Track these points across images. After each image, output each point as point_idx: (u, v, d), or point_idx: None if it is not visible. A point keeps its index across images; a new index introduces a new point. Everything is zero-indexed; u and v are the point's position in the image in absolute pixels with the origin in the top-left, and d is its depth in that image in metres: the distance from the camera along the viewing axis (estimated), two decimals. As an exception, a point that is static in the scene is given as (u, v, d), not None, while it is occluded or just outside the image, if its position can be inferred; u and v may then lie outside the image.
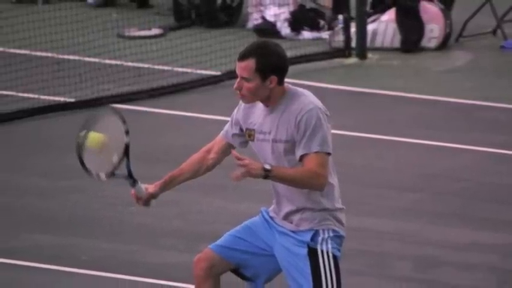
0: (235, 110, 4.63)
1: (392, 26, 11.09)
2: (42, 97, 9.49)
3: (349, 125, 8.74)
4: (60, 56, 10.57)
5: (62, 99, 9.50)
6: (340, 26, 10.90)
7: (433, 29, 11.06)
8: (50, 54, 10.53)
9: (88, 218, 6.96)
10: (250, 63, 4.42)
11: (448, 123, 9.11)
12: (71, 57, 10.62)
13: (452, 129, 8.88)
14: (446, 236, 6.64)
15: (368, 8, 11.08)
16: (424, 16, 11.06)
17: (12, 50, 10.59)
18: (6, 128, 8.97)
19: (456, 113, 9.44)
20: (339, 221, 4.53)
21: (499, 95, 9.70)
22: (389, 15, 11.13)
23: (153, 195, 4.62)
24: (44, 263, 6.23)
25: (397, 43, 11.09)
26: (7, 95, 9.45)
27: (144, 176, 4.66)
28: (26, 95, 9.50)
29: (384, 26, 11.11)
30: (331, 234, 4.50)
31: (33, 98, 9.45)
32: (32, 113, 9.13)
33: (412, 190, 7.48)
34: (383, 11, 11.20)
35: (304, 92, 4.56)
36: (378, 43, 11.09)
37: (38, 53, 10.50)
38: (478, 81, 10.28)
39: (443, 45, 11.14)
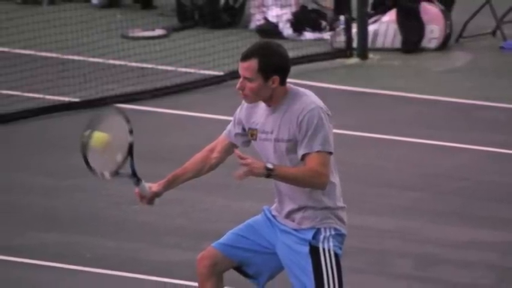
0: (238, 110, 4.64)
1: (393, 27, 11.09)
2: (47, 97, 9.50)
3: (351, 125, 8.74)
4: (65, 57, 10.58)
5: (66, 99, 9.51)
6: (342, 26, 10.91)
7: (434, 29, 11.06)
8: (54, 55, 10.54)
9: (92, 217, 6.97)
10: (253, 63, 4.43)
11: (448, 122, 9.11)
12: (76, 57, 10.63)
13: (452, 128, 8.89)
14: (446, 234, 6.65)
15: (369, 9, 11.08)
16: (425, 17, 11.06)
17: (17, 51, 10.60)
18: (11, 128, 8.98)
19: (456, 112, 9.44)
20: (341, 220, 4.54)
21: (499, 95, 9.70)
22: (390, 16, 11.13)
23: (157, 194, 4.63)
24: (49, 261, 6.24)
25: (397, 44, 11.09)
26: (12, 95, 9.46)
27: (148, 175, 4.67)
28: (31, 94, 9.51)
29: (385, 26, 11.11)
30: (332, 232, 4.50)
31: (38, 98, 9.45)
32: (37, 113, 9.14)
33: (412, 189, 7.49)
34: (384, 12, 11.20)
35: (306, 92, 4.56)
36: (379, 44, 11.10)
37: (43, 54, 10.51)
38: (477, 82, 10.28)
39: (444, 45, 11.14)
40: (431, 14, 11.08)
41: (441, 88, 10.03)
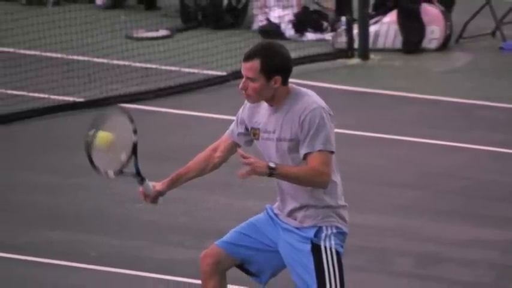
0: (241, 110, 4.63)
1: (394, 28, 11.08)
2: (52, 97, 9.50)
3: (352, 124, 8.73)
4: (70, 57, 10.57)
5: (71, 99, 9.51)
6: (343, 27, 10.89)
7: (434, 30, 11.05)
8: (59, 55, 10.54)
9: (96, 215, 6.97)
10: (255, 63, 4.43)
11: (448, 122, 9.10)
12: (80, 57, 10.62)
13: (453, 128, 8.87)
14: (447, 232, 6.63)
15: (370, 10, 11.06)
16: (425, 18, 11.05)
17: (22, 51, 10.59)
18: (16, 127, 8.97)
19: (457, 112, 9.42)
20: (342, 218, 4.52)
21: (499, 95, 9.68)
22: (391, 17, 11.12)
23: (161, 193, 4.62)
24: (54, 259, 6.24)
25: (398, 44, 11.08)
26: (18, 95, 9.46)
27: (152, 174, 4.66)
28: (36, 94, 9.50)
29: (386, 27, 11.10)
30: (334, 230, 4.49)
31: (43, 98, 9.45)
32: (42, 113, 9.14)
33: (413, 188, 7.48)
34: (385, 12, 11.18)
35: (308, 91, 4.55)
36: (380, 44, 11.08)
37: (48, 54, 10.51)
38: (477, 82, 10.26)
39: (444, 46, 11.12)
40: (431, 15, 11.07)
41: (442, 88, 10.01)
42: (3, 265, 6.21)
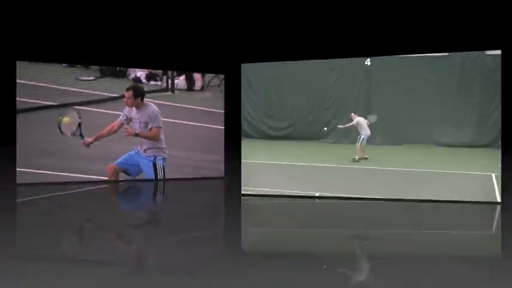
0: (125, 110, 4.51)
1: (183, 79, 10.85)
2: (43, 102, 8.24)
3: (168, 116, 8.50)
4: (50, 86, 9.18)
5: (50, 103, 8.31)
6: (165, 79, 10.54)
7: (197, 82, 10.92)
8: (44, 85, 9.10)
9: (64, 152, 6.21)
10: (131, 92, 4.36)
11: (204, 117, 9.11)
12: (54, 86, 9.25)
13: (208, 119, 8.90)
14: (203, 161, 6.70)
15: (175, 74, 10.74)
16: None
17: (33, 83, 8.99)
18: (32, 115, 7.68)
19: (210, 114, 9.46)
20: (164, 152, 4.58)
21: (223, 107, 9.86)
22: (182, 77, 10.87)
23: (91, 142, 4.34)
24: (48, 171, 5.48)
25: (185, 87, 10.88)
26: (29, 102, 8.08)
27: (88, 135, 4.25)
28: (36, 101, 8.18)
29: (180, 80, 10.85)
30: (161, 157, 4.52)
31: (39, 103, 8.16)
32: (39, 108, 7.92)
33: (191, 144, 7.43)
34: (180, 75, 10.93)
35: (152, 104, 4.52)
36: (178, 87, 10.84)
37: (40, 84, 9.02)
38: (218, 102, 10.34)
39: (202, 90, 11.04)
40: (196, 79, 10.92)
41: (204, 104, 10.00)
42: (25, 176, 5.35)
